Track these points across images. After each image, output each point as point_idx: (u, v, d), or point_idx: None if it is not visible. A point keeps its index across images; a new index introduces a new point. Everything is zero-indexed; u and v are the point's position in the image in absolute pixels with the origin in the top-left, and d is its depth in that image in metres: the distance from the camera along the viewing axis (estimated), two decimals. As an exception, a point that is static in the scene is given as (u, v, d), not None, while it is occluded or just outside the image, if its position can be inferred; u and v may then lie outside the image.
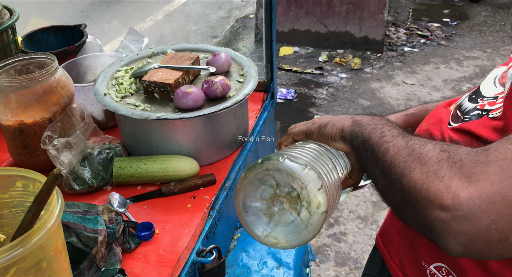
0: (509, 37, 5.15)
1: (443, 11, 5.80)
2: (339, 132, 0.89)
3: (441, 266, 0.91)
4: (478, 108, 0.89)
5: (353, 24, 4.72)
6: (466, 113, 0.91)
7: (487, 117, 0.85)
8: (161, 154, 1.31)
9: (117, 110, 1.27)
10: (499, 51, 4.84)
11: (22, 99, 1.22)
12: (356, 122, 0.86)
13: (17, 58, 1.29)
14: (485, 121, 0.85)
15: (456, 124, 0.91)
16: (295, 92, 4.11)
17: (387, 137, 0.78)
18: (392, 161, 0.73)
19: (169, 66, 1.38)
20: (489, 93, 0.91)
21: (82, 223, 1.02)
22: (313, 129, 0.93)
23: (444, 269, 0.91)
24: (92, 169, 1.27)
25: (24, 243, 0.69)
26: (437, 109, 1.02)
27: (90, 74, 1.60)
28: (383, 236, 1.11)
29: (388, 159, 0.74)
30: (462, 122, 0.90)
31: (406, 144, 0.74)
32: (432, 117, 1.00)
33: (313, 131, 0.93)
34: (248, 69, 1.44)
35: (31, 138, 1.27)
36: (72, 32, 1.72)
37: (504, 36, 5.18)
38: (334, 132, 0.89)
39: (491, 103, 0.88)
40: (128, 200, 1.24)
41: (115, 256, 1.05)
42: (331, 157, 0.88)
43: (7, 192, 0.88)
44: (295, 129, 0.97)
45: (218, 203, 1.25)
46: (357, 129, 0.84)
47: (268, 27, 1.60)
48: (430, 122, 0.98)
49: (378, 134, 0.79)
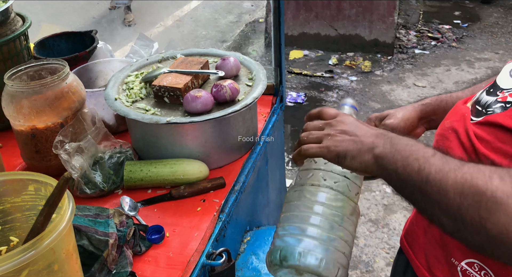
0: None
1: (454, 13, 5.77)
2: (363, 168, 0.82)
3: (473, 262, 0.90)
4: (499, 101, 0.87)
5: (363, 27, 4.72)
6: (487, 106, 0.89)
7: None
8: (171, 158, 1.32)
9: (128, 114, 1.28)
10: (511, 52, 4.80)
11: (34, 105, 1.24)
12: (380, 158, 0.79)
13: (29, 64, 1.32)
14: (510, 112, 0.83)
15: (479, 118, 0.89)
16: (305, 96, 4.11)
17: (431, 172, 0.72)
18: (457, 203, 0.69)
19: (179, 70, 1.40)
20: (508, 85, 0.90)
21: (93, 226, 1.04)
22: (330, 158, 0.85)
23: (476, 265, 0.89)
24: (103, 173, 1.28)
25: (36, 246, 0.70)
26: (456, 105, 1.01)
27: (101, 79, 1.62)
28: (408, 236, 1.09)
29: (451, 201, 0.70)
30: (486, 115, 0.88)
31: (462, 178, 0.70)
32: (454, 114, 0.98)
33: (331, 159, 0.86)
34: (257, 73, 1.44)
35: (43, 142, 1.29)
36: (83, 38, 1.74)
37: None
38: (355, 166, 0.82)
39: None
40: (139, 204, 1.26)
41: (126, 259, 1.06)
42: (349, 206, 0.91)
43: (19, 196, 0.89)
44: (308, 151, 0.87)
45: (227, 206, 1.26)
46: (388, 167, 0.78)
47: (277, 31, 1.61)
48: (453, 119, 0.96)
49: (416, 169, 0.74)
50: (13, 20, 1.50)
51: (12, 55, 1.49)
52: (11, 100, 1.25)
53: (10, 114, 1.27)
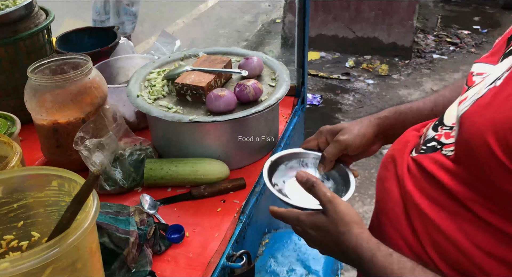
0: (542, 45, 5.02)
1: (473, 18, 5.70)
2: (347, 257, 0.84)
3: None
4: (436, 139, 0.83)
5: (381, 30, 4.68)
6: (425, 142, 0.85)
7: (440, 152, 0.80)
8: (191, 157, 1.30)
9: (150, 111, 1.27)
10: (532, 59, 4.72)
11: (57, 99, 1.23)
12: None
13: (52, 58, 1.31)
14: (437, 156, 0.79)
15: (416, 153, 0.86)
16: (321, 98, 4.08)
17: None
18: None
19: (202, 69, 1.38)
20: (450, 121, 0.83)
21: (114, 223, 1.02)
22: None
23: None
24: (123, 170, 1.27)
25: (61, 243, 0.69)
26: (407, 131, 0.96)
27: (122, 75, 1.61)
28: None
29: None
30: (419, 153, 0.84)
31: None
32: (399, 142, 0.94)
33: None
34: (280, 73, 1.43)
35: (65, 137, 1.28)
36: (105, 34, 1.73)
37: (536, 44, 5.06)
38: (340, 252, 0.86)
39: (447, 134, 0.81)
40: (158, 202, 1.24)
41: (146, 257, 1.05)
42: None
43: (43, 191, 0.88)
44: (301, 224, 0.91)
45: (248, 207, 1.24)
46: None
47: (301, 31, 1.59)
48: (395, 147, 0.93)
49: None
50: (37, 13, 1.50)
51: (35, 49, 1.49)
52: (34, 94, 1.24)
53: (33, 108, 1.26)
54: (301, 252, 1.34)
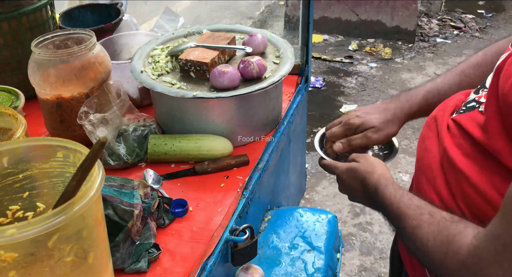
0: (546, 30, 5.00)
1: (478, 3, 5.64)
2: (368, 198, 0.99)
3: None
4: (475, 100, 0.88)
5: (385, 13, 4.64)
6: (465, 104, 0.90)
7: (477, 110, 0.84)
8: (195, 133, 1.31)
9: (154, 87, 1.27)
10: (536, 44, 4.69)
11: (61, 74, 1.23)
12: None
13: (55, 33, 1.30)
14: (474, 114, 0.84)
15: (456, 114, 0.90)
16: (324, 80, 4.07)
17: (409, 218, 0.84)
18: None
19: (206, 45, 1.37)
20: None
21: (119, 196, 1.03)
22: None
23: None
24: (127, 145, 1.27)
25: (67, 211, 0.69)
26: (455, 95, 1.00)
27: (125, 52, 1.61)
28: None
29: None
30: (458, 113, 0.89)
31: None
32: (444, 104, 0.99)
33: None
34: (284, 51, 1.42)
35: (68, 112, 1.29)
36: (108, 10, 1.72)
37: (541, 29, 5.03)
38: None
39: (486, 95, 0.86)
40: (162, 177, 1.25)
41: (150, 230, 1.05)
42: None
43: (48, 162, 0.88)
44: (338, 170, 1.08)
45: (251, 183, 1.25)
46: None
47: (306, 9, 1.57)
48: (439, 108, 0.99)
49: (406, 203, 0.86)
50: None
51: (38, 24, 1.48)
52: (38, 69, 1.24)
53: (36, 82, 1.26)
54: (303, 229, 1.35)
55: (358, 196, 1.05)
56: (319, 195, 2.91)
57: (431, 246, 0.76)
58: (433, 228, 0.77)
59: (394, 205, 0.86)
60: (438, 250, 0.75)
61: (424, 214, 0.80)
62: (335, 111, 3.69)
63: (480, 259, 0.68)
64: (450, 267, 0.73)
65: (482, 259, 0.68)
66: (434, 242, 0.76)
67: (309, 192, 2.91)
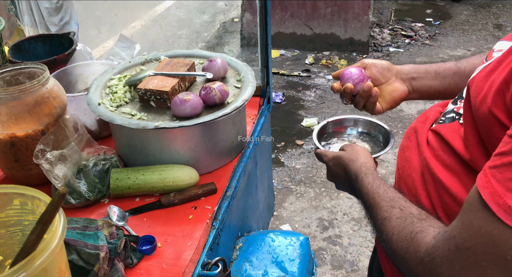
0: (491, 35, 5.20)
1: (425, 11, 5.84)
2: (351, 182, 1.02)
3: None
4: (454, 111, 0.91)
5: (338, 26, 4.72)
6: (444, 114, 0.94)
7: (458, 122, 0.87)
8: (159, 164, 1.27)
9: (113, 120, 1.22)
10: (483, 49, 4.88)
11: (13, 111, 1.17)
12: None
13: (5, 68, 1.25)
14: (455, 126, 0.87)
15: (434, 124, 0.94)
16: (283, 95, 4.09)
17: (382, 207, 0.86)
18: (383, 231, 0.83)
19: (165, 73, 1.34)
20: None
21: (82, 239, 0.98)
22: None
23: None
24: (88, 181, 1.22)
25: (27, 267, 0.65)
26: (432, 107, 1.05)
27: (80, 83, 1.56)
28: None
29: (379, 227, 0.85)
30: (438, 124, 0.93)
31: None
32: (422, 115, 1.04)
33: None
34: (245, 74, 1.41)
35: (23, 151, 1.22)
36: (60, 40, 1.67)
37: (486, 34, 5.23)
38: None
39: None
40: (127, 213, 1.20)
41: (118, 272, 1.01)
42: None
43: (3, 211, 0.83)
44: (326, 158, 1.14)
45: (220, 213, 1.22)
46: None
47: (263, 31, 1.57)
48: (419, 120, 1.03)
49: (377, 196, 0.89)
50: (-14, 22, 1.43)
51: (-14, 59, 1.41)
52: (-13, 107, 1.18)
53: (-13, 121, 1.19)
54: (275, 254, 1.33)
55: (342, 184, 1.09)
56: (287, 211, 2.90)
57: (395, 240, 0.78)
58: (400, 222, 0.79)
59: (370, 195, 0.89)
60: (400, 245, 0.77)
61: (395, 208, 0.82)
62: (296, 125, 3.70)
63: (435, 257, 0.70)
64: (409, 263, 0.75)
65: (436, 258, 0.69)
66: (398, 237, 0.78)
67: (277, 208, 2.90)
